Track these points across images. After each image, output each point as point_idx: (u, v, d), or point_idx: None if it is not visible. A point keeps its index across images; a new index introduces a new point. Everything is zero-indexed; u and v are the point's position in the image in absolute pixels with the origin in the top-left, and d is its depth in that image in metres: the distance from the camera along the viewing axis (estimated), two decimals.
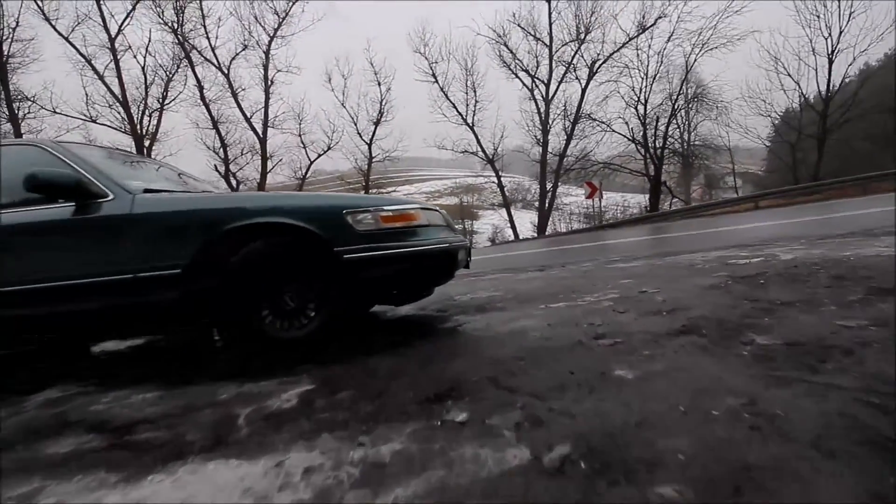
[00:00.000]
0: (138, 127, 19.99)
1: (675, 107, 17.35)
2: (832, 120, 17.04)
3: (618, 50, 18.58)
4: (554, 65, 21.16)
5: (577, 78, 19.97)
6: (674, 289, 2.75)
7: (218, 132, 20.09)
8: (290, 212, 2.12)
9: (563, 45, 20.75)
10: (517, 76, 22.19)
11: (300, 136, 24.08)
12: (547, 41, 20.81)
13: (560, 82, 21.23)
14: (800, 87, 18.54)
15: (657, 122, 17.65)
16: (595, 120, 18.68)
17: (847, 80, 17.39)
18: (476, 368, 1.65)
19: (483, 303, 3.15)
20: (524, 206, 41.70)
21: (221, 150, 20.36)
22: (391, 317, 3.15)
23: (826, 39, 17.50)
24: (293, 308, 2.16)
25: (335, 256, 2.07)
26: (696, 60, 17.42)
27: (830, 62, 17.37)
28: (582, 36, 20.24)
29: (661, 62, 17.82)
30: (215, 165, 20.31)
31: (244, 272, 2.08)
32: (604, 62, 19.16)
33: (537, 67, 21.76)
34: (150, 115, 19.66)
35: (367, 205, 2.16)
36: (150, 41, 19.03)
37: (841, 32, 16.91)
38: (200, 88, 19.32)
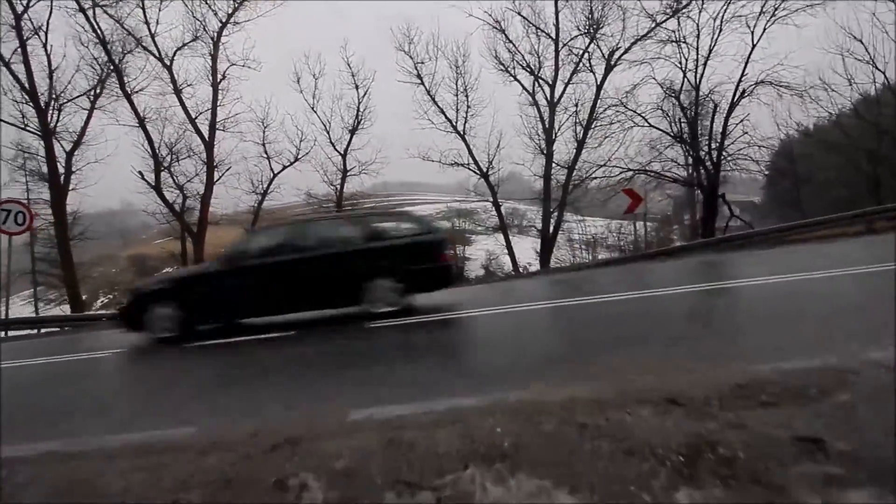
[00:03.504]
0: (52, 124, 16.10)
1: (740, 92, 13.57)
2: None
3: (641, 38, 15.17)
4: (560, 62, 17.77)
5: (591, 70, 16.48)
6: None
7: (144, 130, 16.18)
8: None
9: (571, 39, 17.39)
10: (516, 78, 18.72)
11: (263, 144, 20.32)
12: (552, 34, 17.48)
13: (567, 83, 17.78)
14: (885, 75, 14.74)
15: (714, 111, 13.74)
16: (624, 106, 14.68)
17: None
18: None
19: None
20: (519, 232, 37.98)
21: (150, 153, 16.42)
22: None
23: None
24: None
25: None
26: (764, 31, 13.96)
27: None
28: (593, 29, 16.92)
29: (721, 30, 14.21)
30: (141, 172, 16.31)
31: None
32: (625, 52, 15.76)
33: (539, 67, 18.34)
34: (58, 109, 15.74)
35: None
36: (50, 14, 15.09)
37: None
38: (119, 73, 15.47)
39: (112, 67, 15.34)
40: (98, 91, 16.81)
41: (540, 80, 18.08)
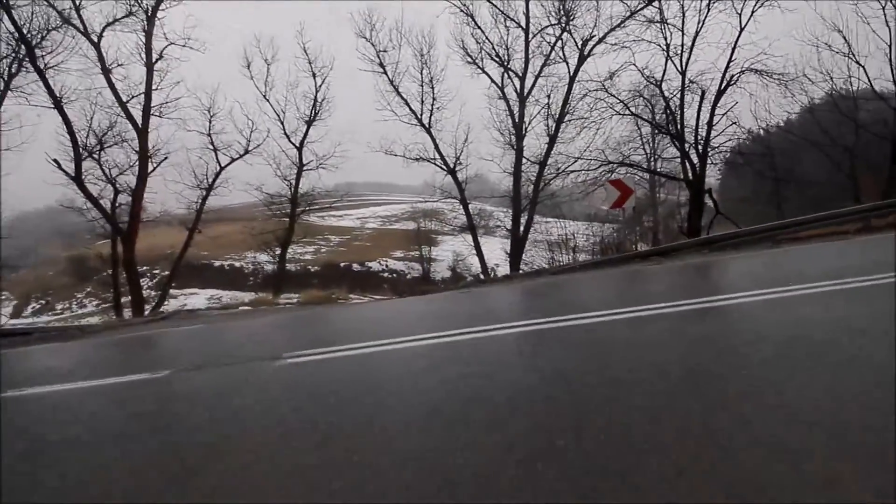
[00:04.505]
0: None
1: (727, 80, 12.80)
2: None
3: (617, 27, 14.38)
4: (531, 53, 16.87)
5: (564, 60, 15.59)
6: None
7: (61, 112, 14.04)
8: None
9: (540, 30, 16.50)
10: (484, 71, 17.69)
11: (209, 134, 18.46)
12: (522, 23, 16.54)
13: (538, 74, 16.88)
14: (864, 69, 14.34)
15: (702, 98, 12.91)
16: (606, 91, 13.57)
17: None
18: None
19: None
20: (486, 233, 37.19)
21: (70, 139, 14.27)
22: None
23: None
24: None
25: None
26: (752, 14, 13.30)
27: None
28: (565, 18, 16.09)
29: (709, 9, 13.35)
30: (57, 161, 14.14)
31: None
32: (599, 42, 14.95)
33: (509, 60, 17.39)
34: None
35: None
36: None
37: None
38: (28, 46, 13.34)
39: (18, 36, 13.15)
40: (13, 69, 14.67)
41: (510, 72, 17.14)
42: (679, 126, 13.22)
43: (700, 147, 13.24)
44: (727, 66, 13.30)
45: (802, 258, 5.76)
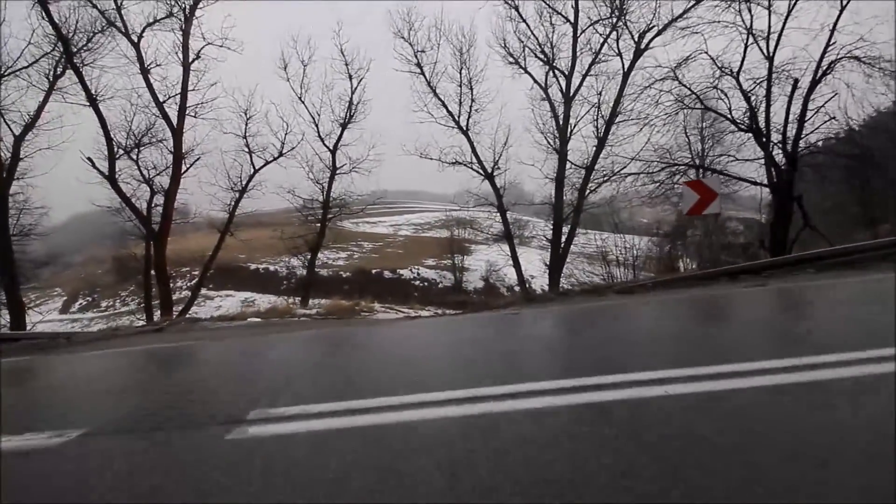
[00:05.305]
0: None
1: (823, 68, 11.03)
2: None
3: (681, 15, 12.96)
4: (579, 50, 15.67)
5: (618, 54, 14.30)
6: None
7: (96, 110, 13.94)
8: None
9: (591, 24, 15.30)
10: (526, 70, 16.62)
11: (245, 136, 18.17)
12: (571, 17, 15.40)
13: (586, 73, 15.66)
14: None
15: (794, 89, 11.15)
16: (677, 80, 11.86)
17: None
18: None
19: None
20: (521, 243, 35.83)
21: (105, 137, 14.15)
22: None
23: None
24: None
25: None
26: None
27: None
28: (617, 12, 14.84)
29: None
30: (91, 159, 14.04)
31: None
32: (660, 32, 13.59)
33: (553, 58, 16.26)
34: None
35: None
36: None
37: None
38: (65, 43, 13.27)
39: (57, 35, 13.13)
40: (58, 71, 14.80)
41: (555, 71, 15.98)
42: (765, 122, 11.47)
43: (789, 147, 11.42)
44: (824, 52, 11.37)
45: None
